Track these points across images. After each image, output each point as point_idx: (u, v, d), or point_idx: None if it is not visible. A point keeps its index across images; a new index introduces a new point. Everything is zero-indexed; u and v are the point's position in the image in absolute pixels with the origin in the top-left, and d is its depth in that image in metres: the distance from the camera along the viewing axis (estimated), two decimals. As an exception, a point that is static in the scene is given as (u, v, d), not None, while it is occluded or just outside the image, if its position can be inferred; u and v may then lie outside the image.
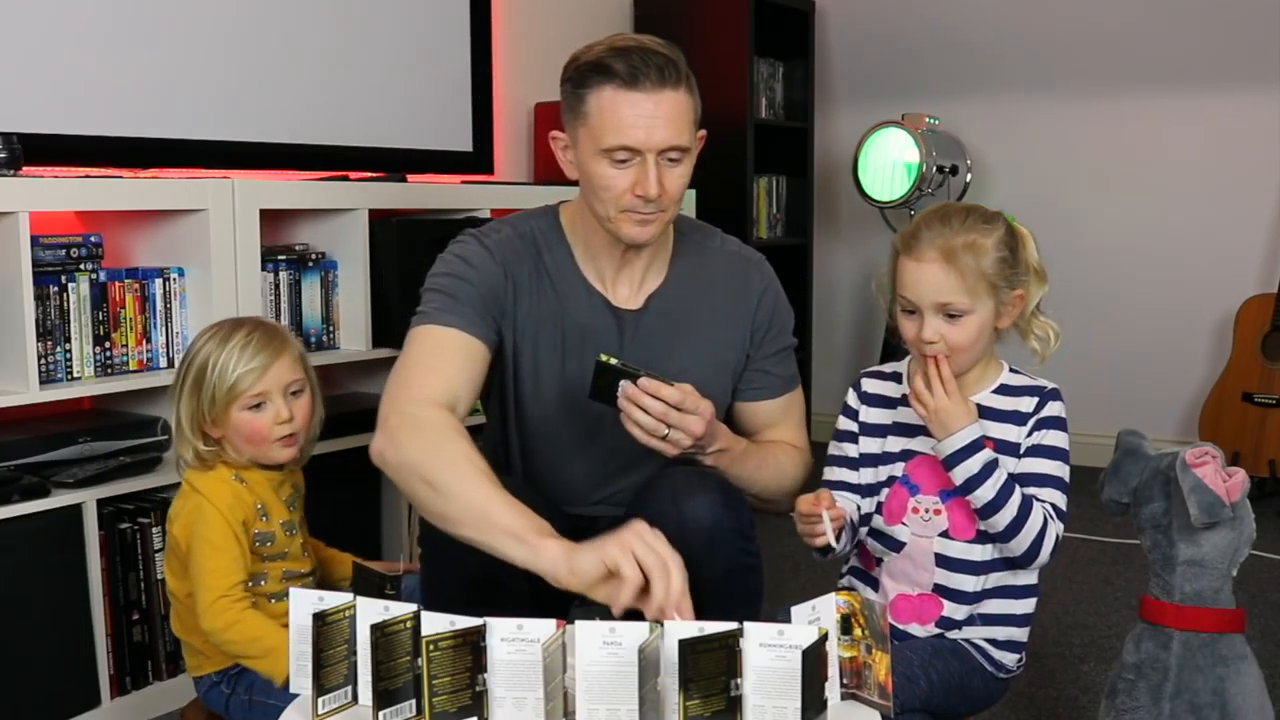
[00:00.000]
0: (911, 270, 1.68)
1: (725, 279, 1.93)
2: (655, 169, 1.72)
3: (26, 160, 2.24)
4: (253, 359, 1.82)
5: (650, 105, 1.70)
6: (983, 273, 1.66)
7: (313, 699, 1.43)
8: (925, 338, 1.67)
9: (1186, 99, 4.23)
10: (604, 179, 1.74)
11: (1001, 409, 1.74)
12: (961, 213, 1.71)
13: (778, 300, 1.97)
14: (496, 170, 3.66)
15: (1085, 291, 4.42)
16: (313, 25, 3.13)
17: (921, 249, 1.67)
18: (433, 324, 1.77)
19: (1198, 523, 1.63)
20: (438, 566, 1.74)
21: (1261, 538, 1.80)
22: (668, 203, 1.76)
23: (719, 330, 1.92)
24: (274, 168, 2.99)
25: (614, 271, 1.88)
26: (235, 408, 1.83)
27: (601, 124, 1.71)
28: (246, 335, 1.84)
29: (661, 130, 1.71)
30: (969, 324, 1.67)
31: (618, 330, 1.87)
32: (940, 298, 1.66)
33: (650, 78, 1.70)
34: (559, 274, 1.87)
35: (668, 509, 1.68)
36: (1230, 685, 1.66)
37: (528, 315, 1.85)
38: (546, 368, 1.86)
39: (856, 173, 4.28)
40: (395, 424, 1.67)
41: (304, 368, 1.92)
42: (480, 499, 1.57)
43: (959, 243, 1.66)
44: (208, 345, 1.85)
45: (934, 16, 4.60)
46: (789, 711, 1.33)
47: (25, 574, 2.15)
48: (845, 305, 4.88)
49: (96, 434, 2.35)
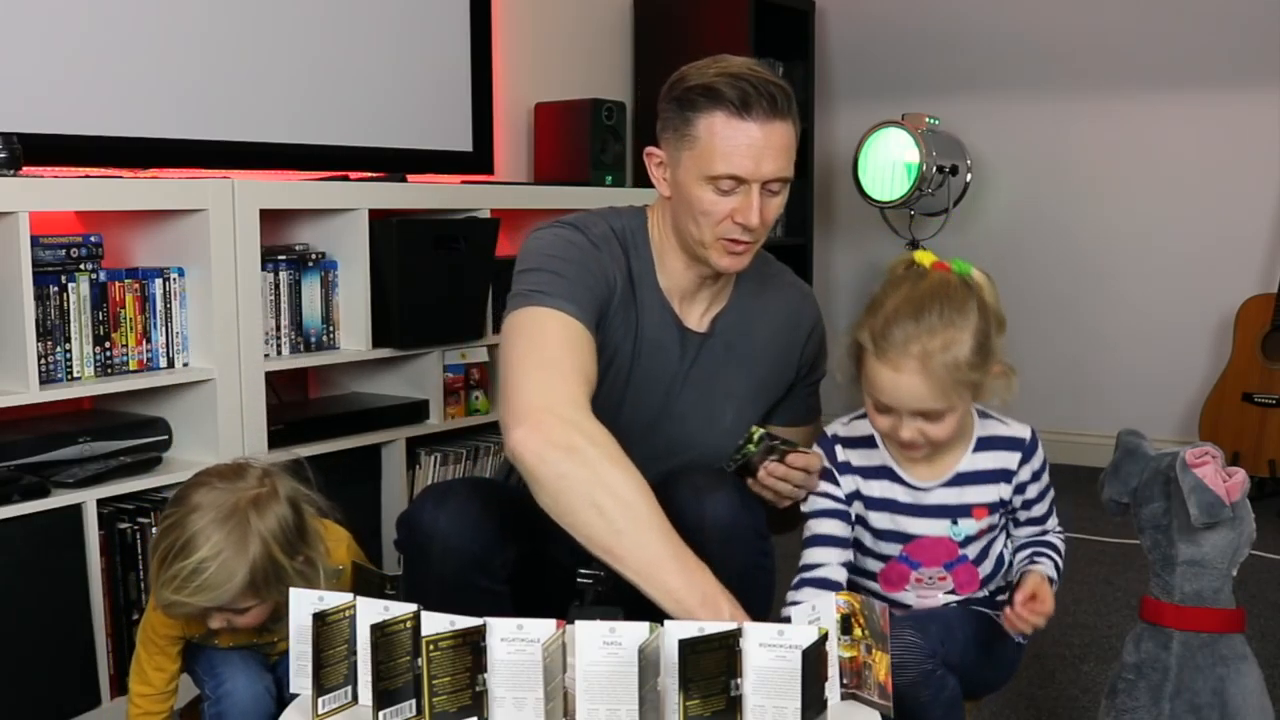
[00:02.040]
0: (887, 377, 1.60)
1: (782, 309, 1.96)
2: (759, 199, 1.71)
3: (26, 160, 2.24)
4: (193, 594, 1.66)
5: (761, 135, 1.69)
6: (960, 374, 1.59)
7: (313, 699, 1.43)
8: (905, 439, 1.64)
9: (1186, 99, 4.23)
10: (705, 204, 1.73)
11: (985, 469, 1.73)
12: (933, 304, 1.60)
13: (823, 337, 2.02)
14: (496, 170, 3.66)
15: (1085, 291, 4.42)
16: (313, 25, 3.13)
17: (895, 356, 1.59)
18: (552, 308, 1.68)
19: (1198, 523, 1.63)
20: (415, 571, 1.75)
21: (1261, 538, 1.80)
22: (763, 233, 1.77)
23: (770, 357, 1.94)
24: (274, 168, 2.99)
25: (689, 293, 1.88)
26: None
27: (710, 150, 1.70)
28: (198, 564, 1.65)
29: (770, 161, 1.70)
30: (948, 421, 1.64)
31: (680, 351, 1.88)
32: (920, 406, 1.61)
33: (763, 107, 1.68)
34: (641, 281, 1.86)
35: (689, 505, 1.68)
36: (1230, 685, 1.66)
37: (615, 313, 1.83)
38: (616, 369, 1.85)
39: (856, 173, 4.28)
40: (553, 428, 1.56)
41: (265, 580, 1.70)
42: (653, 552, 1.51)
43: (935, 347, 1.58)
44: (169, 538, 1.68)
45: (934, 16, 4.60)
46: (789, 711, 1.33)
47: (25, 574, 2.15)
48: (845, 305, 4.88)
49: (96, 434, 2.35)
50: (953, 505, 1.73)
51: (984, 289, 1.66)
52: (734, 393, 1.89)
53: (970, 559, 1.76)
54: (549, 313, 1.68)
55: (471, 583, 1.70)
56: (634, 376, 1.85)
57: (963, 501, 1.73)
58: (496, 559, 1.71)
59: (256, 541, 1.68)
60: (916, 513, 1.73)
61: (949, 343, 1.58)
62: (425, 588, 1.71)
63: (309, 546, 1.76)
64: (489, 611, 1.44)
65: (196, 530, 1.67)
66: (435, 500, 1.73)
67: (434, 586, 1.70)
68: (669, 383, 1.88)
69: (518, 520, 1.77)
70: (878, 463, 1.75)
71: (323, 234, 2.81)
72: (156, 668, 1.82)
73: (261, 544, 1.68)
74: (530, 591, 1.76)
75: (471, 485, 1.76)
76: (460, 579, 1.69)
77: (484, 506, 1.73)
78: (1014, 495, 1.76)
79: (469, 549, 1.69)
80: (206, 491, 1.71)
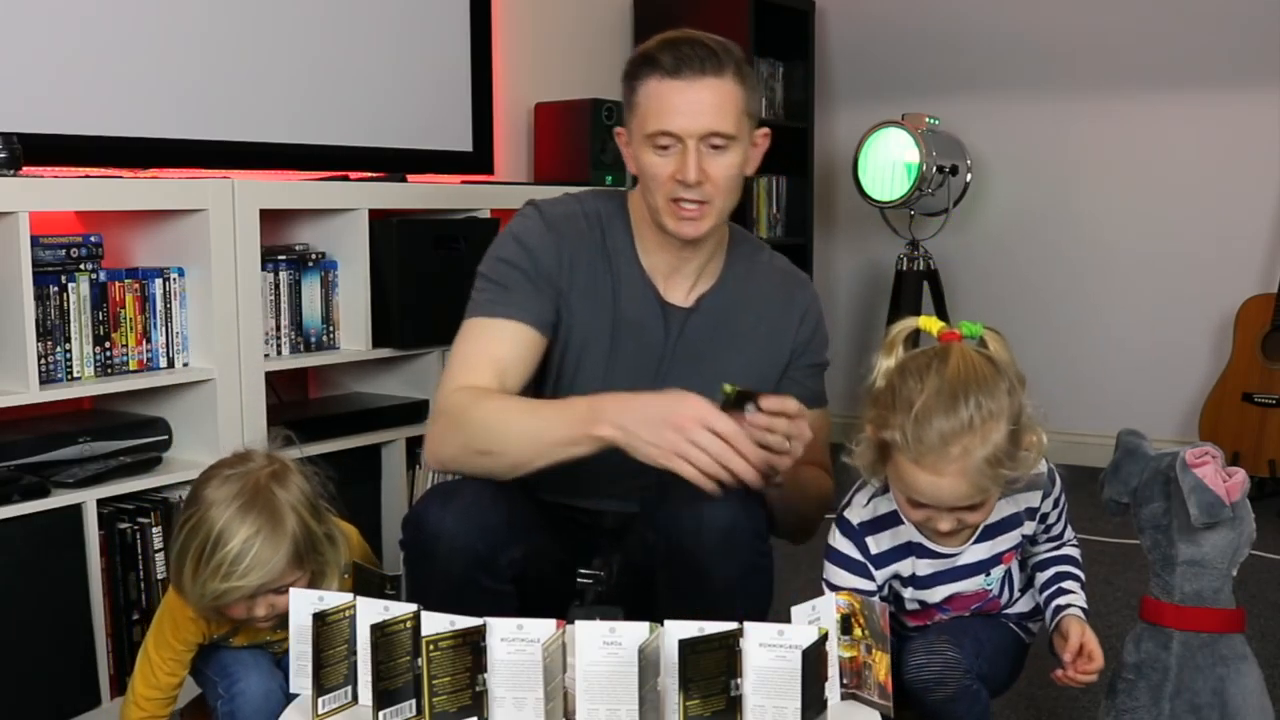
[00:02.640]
0: (926, 481, 1.52)
1: (773, 291, 1.95)
2: (695, 155, 1.74)
3: (26, 160, 2.24)
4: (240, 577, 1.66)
5: (692, 92, 1.73)
6: (1002, 465, 1.52)
7: (313, 699, 1.43)
8: (943, 530, 1.59)
9: (1186, 99, 4.22)
10: (650, 166, 1.77)
11: (1009, 514, 1.70)
12: (966, 396, 1.50)
13: (819, 320, 2.00)
14: (496, 170, 3.66)
15: (1085, 291, 4.42)
16: (313, 25, 3.13)
17: (934, 460, 1.50)
18: (482, 315, 1.82)
19: (1198, 523, 1.63)
20: (419, 570, 1.75)
21: (1261, 538, 1.80)
22: (712, 191, 1.77)
23: (762, 339, 1.93)
24: (274, 168, 2.99)
25: (669, 269, 1.89)
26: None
27: (646, 112, 1.76)
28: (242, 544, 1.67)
29: (704, 117, 1.73)
30: (988, 505, 1.60)
31: (664, 327, 1.89)
32: (961, 503, 1.55)
33: (693, 66, 1.74)
34: (618, 259, 1.88)
35: (686, 508, 1.68)
36: (1230, 685, 1.66)
37: (583, 295, 1.86)
38: (593, 350, 1.87)
39: (856, 173, 4.27)
40: (441, 423, 1.77)
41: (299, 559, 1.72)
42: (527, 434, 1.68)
43: (975, 444, 1.49)
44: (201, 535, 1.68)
45: (934, 16, 4.60)
46: (789, 711, 1.33)
47: (25, 574, 2.14)
48: (845, 305, 4.88)
49: (96, 434, 2.35)
50: (985, 560, 1.71)
51: (999, 352, 1.59)
52: (726, 372, 1.85)
53: (995, 594, 1.77)
54: (476, 322, 1.82)
55: (476, 582, 1.69)
56: (617, 353, 1.86)
57: (994, 553, 1.71)
58: (502, 558, 1.71)
59: (289, 512, 1.71)
60: (949, 578, 1.71)
61: (987, 436, 1.50)
62: (430, 587, 1.71)
63: (327, 521, 1.78)
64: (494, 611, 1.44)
65: (228, 519, 1.68)
66: (441, 499, 1.73)
67: (439, 586, 1.70)
68: (657, 361, 1.88)
69: (523, 520, 1.77)
70: (905, 540, 1.70)
71: (323, 234, 2.81)
72: (169, 672, 1.81)
73: (294, 513, 1.71)
74: (534, 591, 1.76)
75: (477, 485, 1.76)
76: (466, 578, 1.69)
77: (489, 506, 1.73)
78: (1038, 527, 1.75)
79: (475, 548, 1.69)
80: (220, 484, 1.71)
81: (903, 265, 4.30)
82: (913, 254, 4.30)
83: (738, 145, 1.78)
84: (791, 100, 4.55)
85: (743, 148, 1.79)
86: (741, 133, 1.78)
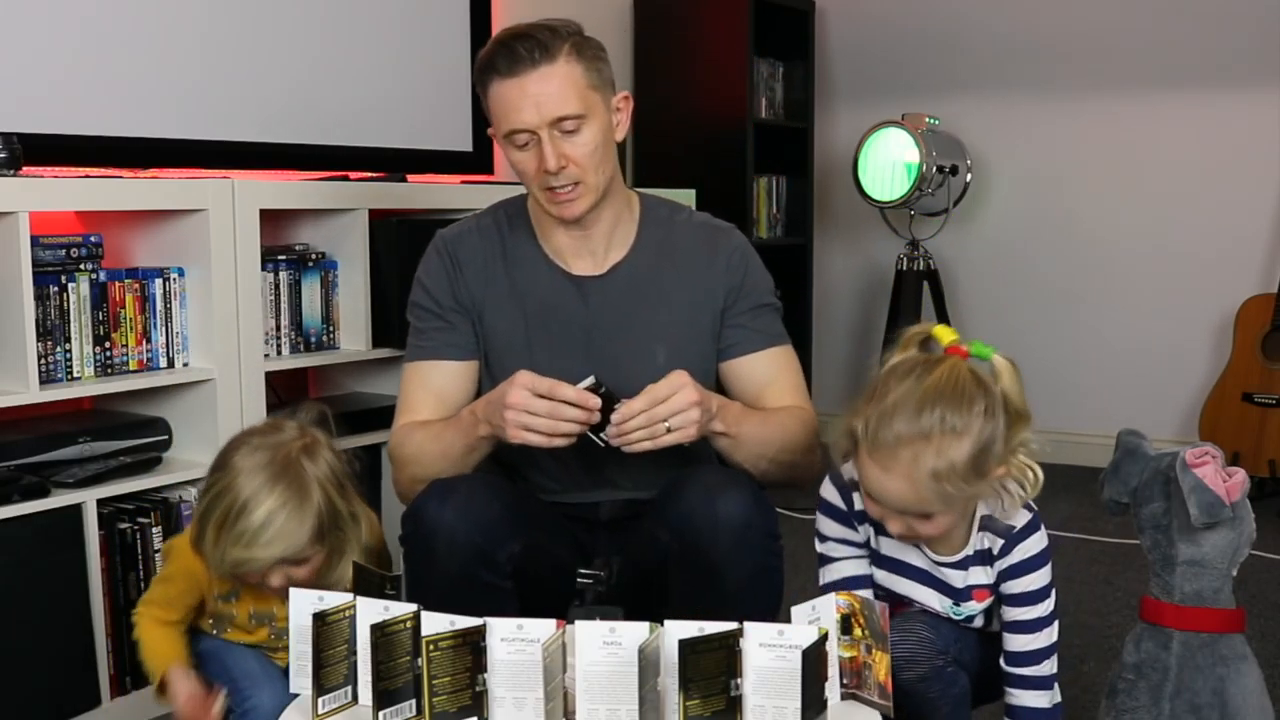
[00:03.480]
0: (874, 475, 1.53)
1: (694, 246, 1.95)
2: (550, 144, 1.77)
3: (26, 160, 2.24)
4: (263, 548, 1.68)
5: (530, 85, 1.76)
6: (952, 485, 1.50)
7: (313, 699, 1.43)
8: (894, 531, 1.59)
9: (1186, 99, 4.23)
10: (517, 164, 1.83)
11: (981, 549, 1.66)
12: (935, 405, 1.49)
13: (748, 260, 1.96)
14: (496, 170, 3.66)
15: (1085, 291, 4.42)
16: (313, 26, 3.13)
17: (884, 456, 1.51)
18: (411, 361, 1.96)
19: (1198, 523, 1.63)
20: (418, 565, 1.75)
21: (1261, 538, 1.80)
22: (578, 172, 1.80)
23: (689, 294, 1.92)
24: (274, 168, 2.99)
25: (575, 248, 1.92)
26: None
27: (496, 115, 1.81)
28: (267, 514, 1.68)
29: (544, 105, 1.76)
30: (939, 522, 1.57)
31: (579, 297, 1.90)
32: (907, 509, 1.54)
33: (523, 61, 1.75)
34: (519, 256, 1.93)
35: (700, 506, 1.68)
36: (1230, 685, 1.66)
37: (493, 301, 1.92)
38: (515, 345, 1.90)
39: (856, 173, 4.27)
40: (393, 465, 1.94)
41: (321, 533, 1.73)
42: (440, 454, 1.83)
43: (928, 454, 1.48)
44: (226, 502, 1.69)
45: (934, 16, 4.60)
46: (789, 711, 1.33)
47: (25, 574, 2.14)
48: (845, 305, 4.88)
49: (96, 434, 2.35)
50: (958, 588, 1.67)
51: (1004, 380, 1.56)
52: (658, 333, 1.89)
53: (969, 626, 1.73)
54: (409, 368, 1.97)
55: (476, 577, 1.70)
56: (535, 340, 1.89)
57: (968, 584, 1.67)
58: (501, 554, 1.71)
59: (316, 487, 1.72)
60: (922, 580, 1.68)
61: (942, 450, 1.49)
62: (429, 583, 1.71)
63: (351, 500, 1.80)
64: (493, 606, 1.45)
65: (256, 488, 1.69)
66: (440, 495, 1.73)
67: (438, 581, 1.70)
68: (582, 333, 1.89)
69: (521, 515, 1.78)
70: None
71: (323, 234, 2.81)
72: (167, 602, 1.82)
73: (321, 489, 1.73)
74: (533, 586, 1.76)
75: (476, 481, 1.76)
76: (465, 573, 1.69)
77: (488, 501, 1.73)
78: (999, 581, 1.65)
79: (474, 543, 1.69)
80: (250, 452, 1.73)
81: (902, 265, 4.30)
82: (912, 254, 4.30)
83: (592, 121, 1.79)
84: (791, 100, 4.55)
85: (599, 121, 1.80)
86: (591, 107, 1.79)
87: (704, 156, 4.13)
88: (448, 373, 1.92)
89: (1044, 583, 1.64)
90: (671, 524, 1.71)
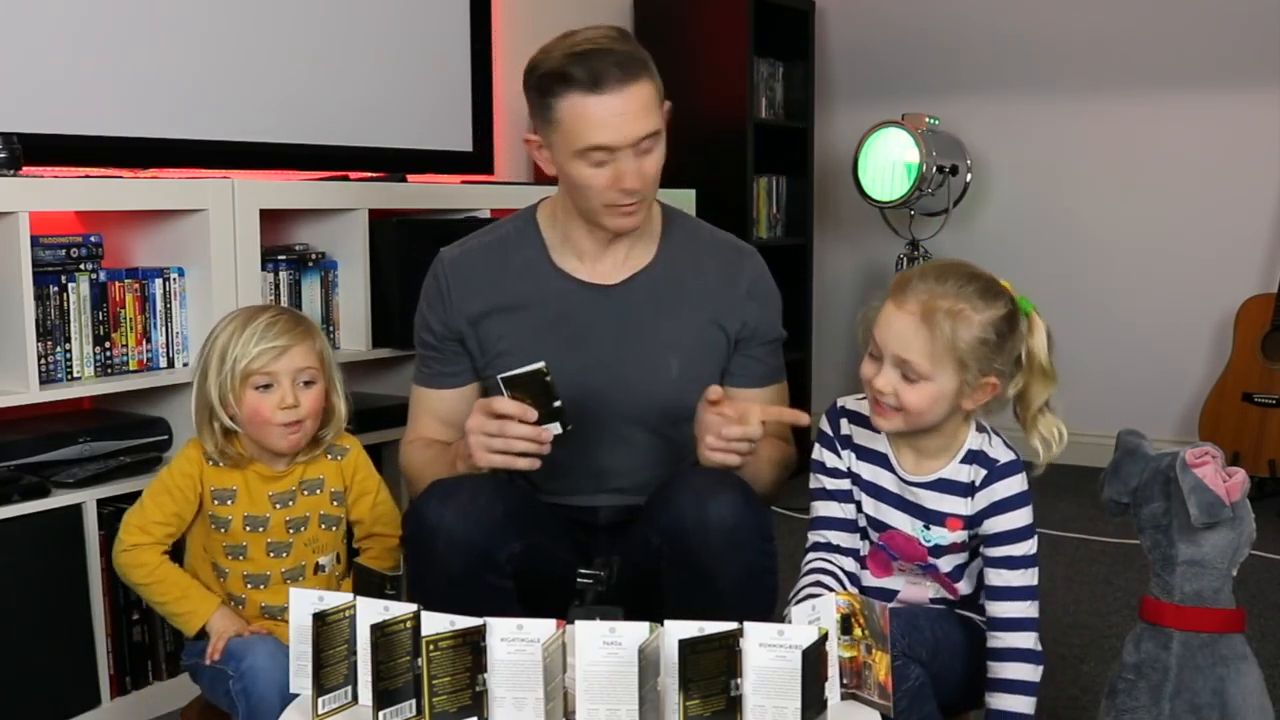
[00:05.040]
0: (888, 314, 1.63)
1: (717, 262, 1.95)
2: (633, 162, 1.76)
3: (26, 160, 2.24)
4: (274, 339, 1.83)
5: (618, 103, 1.73)
6: (954, 345, 1.59)
7: (313, 699, 1.43)
8: (877, 386, 1.64)
9: (1186, 99, 4.23)
10: (584, 178, 1.78)
11: (962, 481, 1.71)
12: (964, 277, 1.63)
13: (769, 292, 1.98)
14: (496, 170, 3.66)
15: (1085, 291, 4.42)
16: (313, 25, 3.13)
17: (905, 297, 1.62)
18: (416, 384, 2.01)
19: (1198, 523, 1.63)
20: (420, 566, 1.75)
21: (1261, 538, 1.80)
22: (650, 189, 1.81)
23: (707, 310, 1.92)
24: (274, 168, 2.99)
25: (597, 252, 1.91)
26: (247, 386, 1.83)
27: (574, 129, 1.75)
28: (271, 318, 1.86)
29: (632, 125, 1.74)
30: (924, 390, 1.62)
31: (593, 305, 1.90)
32: (903, 353, 1.61)
33: (614, 76, 1.73)
34: (527, 272, 1.92)
35: (690, 508, 1.68)
36: (1230, 685, 1.65)
37: (495, 312, 1.91)
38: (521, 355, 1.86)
39: (856, 173, 4.28)
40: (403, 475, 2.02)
41: (322, 360, 1.91)
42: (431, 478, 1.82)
43: (943, 305, 1.59)
44: (232, 324, 1.86)
45: (934, 16, 4.60)
46: (789, 711, 1.33)
47: (25, 574, 2.15)
48: (845, 305, 4.88)
49: (96, 434, 2.35)
50: (928, 509, 1.72)
51: (1035, 335, 1.67)
52: (673, 343, 1.90)
53: (943, 571, 1.75)
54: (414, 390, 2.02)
55: (478, 577, 1.70)
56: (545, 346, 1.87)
57: (938, 508, 1.71)
58: (502, 554, 1.71)
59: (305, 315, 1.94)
60: (896, 504, 1.74)
61: (957, 310, 1.59)
62: (429, 583, 1.71)
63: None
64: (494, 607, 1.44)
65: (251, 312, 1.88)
66: (441, 495, 1.73)
67: (439, 582, 1.70)
68: (594, 341, 1.89)
69: (522, 516, 1.78)
70: (876, 447, 1.76)
71: (323, 234, 2.81)
72: (161, 520, 1.85)
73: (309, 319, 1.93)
74: (533, 587, 1.76)
75: (477, 481, 1.76)
76: (466, 574, 1.69)
77: (490, 502, 1.73)
78: (980, 518, 1.70)
79: (475, 543, 1.69)
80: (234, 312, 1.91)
81: (903, 265, 4.30)
82: (913, 254, 4.30)
83: (662, 136, 1.80)
84: (791, 100, 4.55)
85: (664, 136, 1.81)
86: (662, 123, 1.80)
87: (704, 156, 4.12)
88: (447, 399, 1.97)
89: (1025, 522, 1.69)
90: (662, 527, 1.71)
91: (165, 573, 1.85)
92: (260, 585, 1.88)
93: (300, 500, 1.91)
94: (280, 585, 1.88)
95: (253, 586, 1.88)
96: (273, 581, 1.88)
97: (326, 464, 1.95)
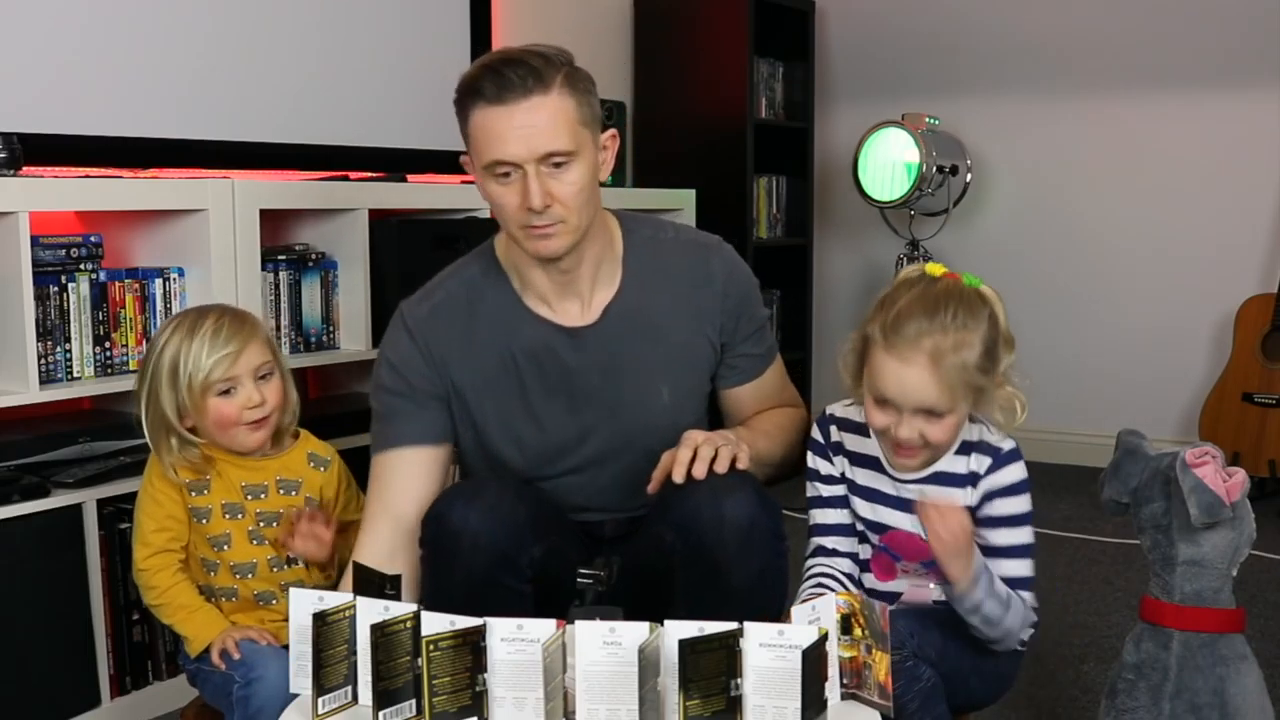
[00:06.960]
0: (893, 370, 1.60)
1: (685, 269, 1.90)
2: (537, 179, 1.67)
3: (26, 160, 2.24)
4: (225, 345, 1.82)
5: (520, 115, 1.66)
6: (966, 373, 1.60)
7: (313, 699, 1.43)
8: (903, 437, 1.63)
9: (1186, 99, 4.22)
10: (495, 196, 1.73)
11: (959, 472, 1.71)
12: (945, 302, 1.61)
13: (744, 281, 1.94)
14: (496, 170, 3.66)
15: (1085, 291, 4.42)
16: (313, 25, 3.13)
17: (905, 349, 1.59)
18: (377, 452, 1.86)
19: (1198, 523, 1.63)
20: (439, 568, 1.74)
21: (1261, 538, 1.80)
22: (565, 212, 1.71)
23: (685, 323, 1.89)
24: (274, 168, 2.99)
25: (558, 291, 1.83)
26: (209, 395, 1.83)
27: (479, 142, 1.71)
28: (215, 322, 1.84)
29: (535, 139, 1.66)
30: (949, 423, 1.63)
31: (573, 349, 1.84)
32: (924, 403, 1.60)
33: (515, 88, 1.66)
34: (500, 315, 1.85)
35: (706, 507, 1.67)
36: (1230, 685, 1.66)
37: (472, 375, 1.84)
38: (505, 409, 1.86)
39: (856, 173, 4.27)
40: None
41: (272, 350, 1.91)
42: None
43: (947, 344, 1.58)
44: (175, 337, 1.84)
45: (934, 16, 4.60)
46: (789, 711, 1.33)
47: (25, 574, 2.15)
48: (845, 305, 4.88)
49: (96, 434, 2.35)
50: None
51: (994, 304, 1.66)
52: (660, 370, 1.85)
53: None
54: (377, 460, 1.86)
55: (498, 581, 1.68)
56: (530, 400, 1.84)
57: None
58: (523, 558, 1.70)
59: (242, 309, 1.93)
60: (893, 504, 1.74)
61: (960, 343, 1.59)
62: (449, 586, 1.70)
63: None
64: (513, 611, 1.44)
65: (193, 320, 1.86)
66: (465, 498, 1.72)
67: (459, 585, 1.68)
68: (580, 382, 1.85)
69: (543, 520, 1.77)
70: (866, 451, 1.76)
71: (323, 234, 2.81)
72: (156, 528, 1.86)
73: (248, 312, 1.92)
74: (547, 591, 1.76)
75: (501, 484, 1.75)
76: (488, 577, 1.67)
77: (513, 505, 1.72)
78: (982, 504, 1.70)
79: (499, 547, 1.68)
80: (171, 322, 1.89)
81: (902, 265, 4.29)
82: (913, 254, 4.29)
83: (581, 159, 1.70)
84: (791, 100, 4.55)
85: (587, 159, 1.71)
86: (581, 144, 1.70)
87: (704, 156, 4.12)
88: (413, 466, 1.83)
89: (1025, 509, 1.70)
90: (677, 524, 1.70)
91: (174, 595, 1.85)
92: (248, 575, 1.88)
93: (274, 497, 1.91)
94: (268, 573, 1.89)
95: (240, 576, 1.88)
96: (260, 570, 1.89)
97: (309, 470, 1.95)
